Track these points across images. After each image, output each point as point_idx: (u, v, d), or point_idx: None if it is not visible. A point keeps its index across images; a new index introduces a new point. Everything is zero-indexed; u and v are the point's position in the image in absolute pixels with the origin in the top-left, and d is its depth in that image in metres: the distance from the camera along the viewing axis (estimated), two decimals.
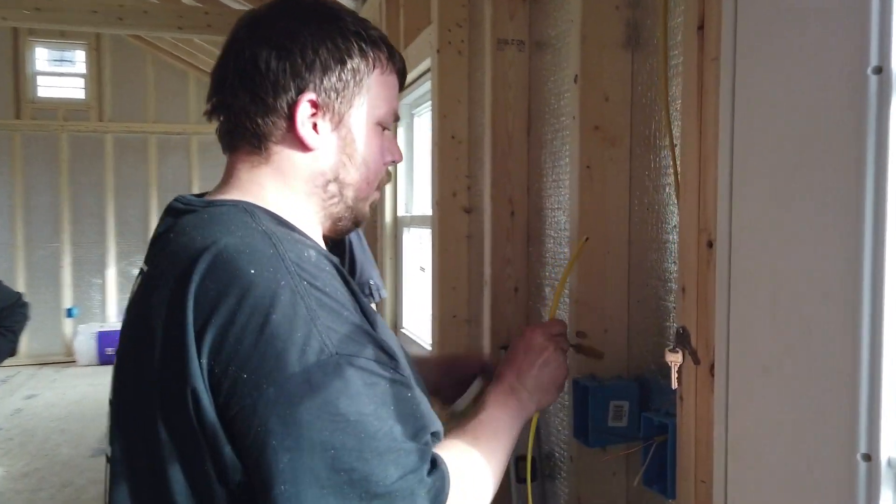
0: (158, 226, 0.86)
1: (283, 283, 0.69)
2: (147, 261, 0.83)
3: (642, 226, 1.13)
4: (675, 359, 0.88)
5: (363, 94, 0.85)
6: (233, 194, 0.83)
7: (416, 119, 2.76)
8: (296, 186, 0.84)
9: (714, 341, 0.81)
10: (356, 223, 0.91)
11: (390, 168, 0.94)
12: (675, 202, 1.04)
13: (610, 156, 1.14)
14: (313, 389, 0.67)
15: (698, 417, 0.85)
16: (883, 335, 0.57)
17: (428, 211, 2.03)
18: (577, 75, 1.13)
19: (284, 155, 0.83)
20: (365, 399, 0.68)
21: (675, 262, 1.05)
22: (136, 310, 0.80)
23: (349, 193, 0.87)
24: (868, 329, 0.58)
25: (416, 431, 0.71)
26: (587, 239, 1.06)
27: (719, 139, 0.77)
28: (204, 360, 0.68)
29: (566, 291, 1.27)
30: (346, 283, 0.76)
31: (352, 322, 0.72)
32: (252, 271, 0.70)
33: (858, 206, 0.59)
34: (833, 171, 0.62)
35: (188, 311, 0.69)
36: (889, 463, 0.58)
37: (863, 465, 0.59)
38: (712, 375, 0.81)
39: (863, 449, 0.59)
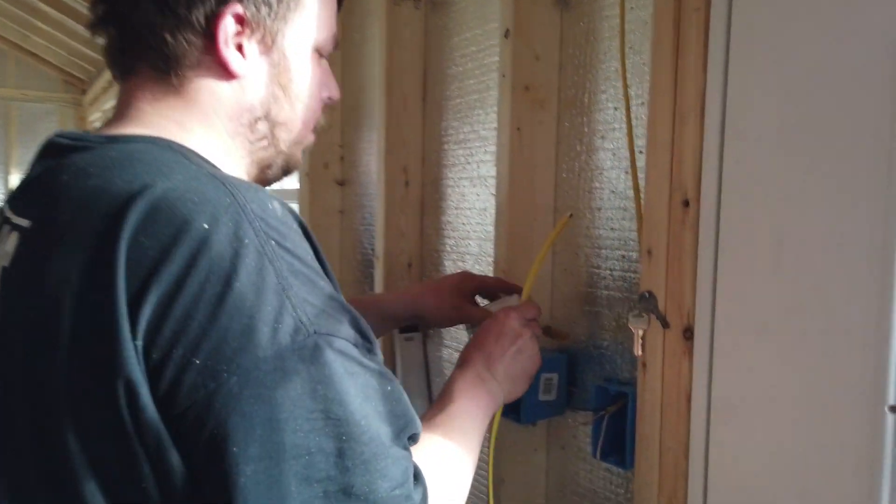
0: (31, 168, 0.65)
1: (246, 240, 0.54)
2: (21, 212, 0.63)
3: (571, 192, 1.09)
4: (639, 325, 0.85)
5: (300, 10, 0.69)
6: (137, 131, 0.65)
7: None
8: (215, 125, 0.68)
9: (690, 304, 0.78)
10: (286, 172, 0.76)
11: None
12: (614, 166, 1.02)
13: (539, 119, 1.09)
14: (287, 378, 0.52)
15: (666, 383, 0.82)
16: None
17: (296, 184, 1.86)
18: (508, 30, 1.06)
19: (201, 84, 0.66)
20: (349, 391, 0.55)
21: (611, 230, 1.03)
22: (19, 279, 0.59)
23: (282, 135, 0.72)
24: None
25: (399, 433, 0.58)
26: (571, 215, 0.98)
27: (706, 93, 0.75)
28: (140, 342, 0.51)
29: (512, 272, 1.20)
30: (314, 245, 0.61)
31: (326, 293, 0.58)
32: (205, 225, 0.53)
33: (883, 152, 0.58)
34: (854, 117, 0.61)
35: (117, 278, 0.51)
36: None
37: (890, 417, 0.59)
38: (686, 339, 0.79)
39: (891, 401, 0.59)
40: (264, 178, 0.75)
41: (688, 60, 0.77)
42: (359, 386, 0.56)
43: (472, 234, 1.34)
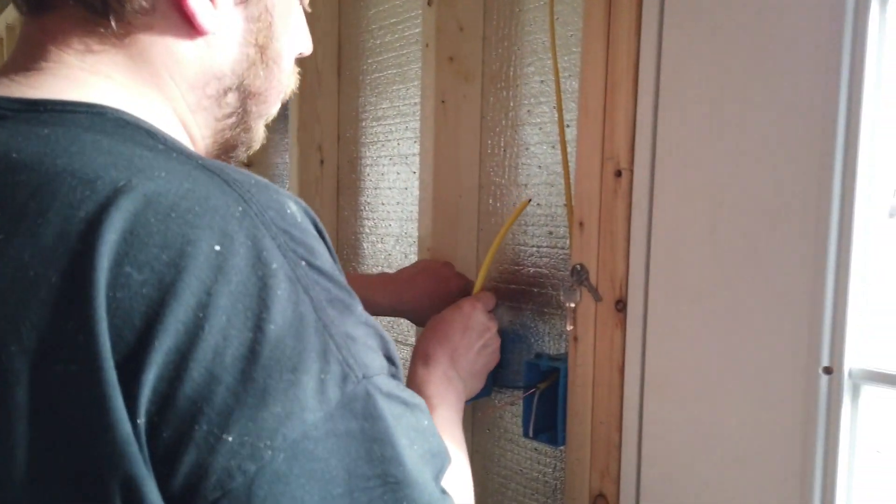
0: None
1: (273, 265, 0.40)
2: None
3: (497, 169, 1.07)
4: (570, 299, 0.83)
5: None
6: (67, 94, 0.46)
7: None
8: (172, 94, 0.51)
9: (622, 275, 0.77)
10: (247, 152, 0.62)
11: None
12: (541, 141, 1.00)
13: (464, 92, 1.06)
14: (340, 444, 0.40)
15: (598, 357, 0.81)
16: (852, 245, 0.58)
17: None
18: None
19: (154, 39, 0.49)
20: (401, 443, 0.43)
21: (538, 206, 1.01)
22: None
23: (253, 108, 0.57)
24: (835, 241, 0.58)
25: (438, 474, 0.47)
26: (530, 200, 0.95)
27: (639, 60, 0.73)
28: (142, 420, 0.37)
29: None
30: (328, 247, 0.47)
31: (363, 320, 0.46)
32: (217, 247, 0.39)
33: (829, 113, 0.58)
34: (789, 82, 0.61)
35: (97, 334, 0.36)
36: (850, 374, 0.59)
37: (824, 379, 0.59)
38: (619, 311, 0.78)
39: (825, 362, 0.59)
40: (226, 161, 0.57)
41: (620, 27, 0.76)
42: (405, 431, 0.44)
43: (392, 215, 1.29)
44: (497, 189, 1.06)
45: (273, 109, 0.60)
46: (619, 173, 0.77)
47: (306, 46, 0.61)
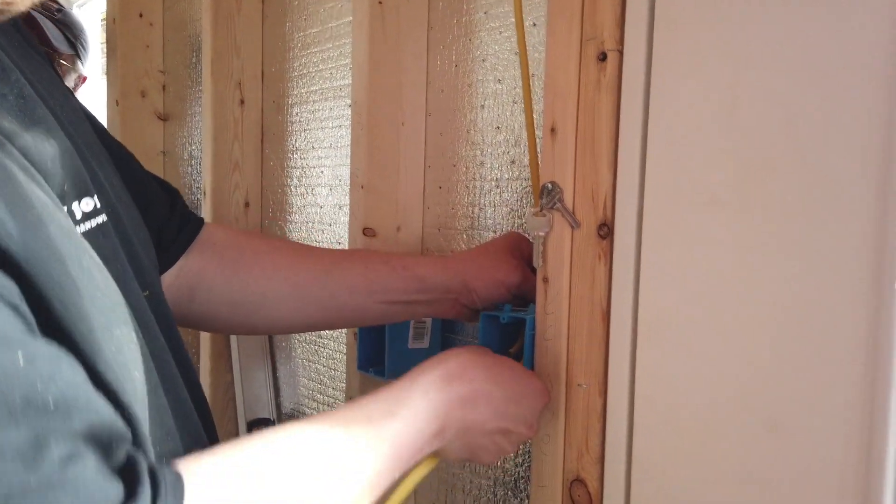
0: None
1: None
2: None
3: (447, 88, 0.88)
4: (539, 227, 0.64)
5: None
6: None
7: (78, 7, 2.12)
8: None
9: (607, 191, 0.59)
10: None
11: None
12: (501, 50, 0.81)
13: None
14: None
15: (574, 300, 0.63)
16: None
17: (101, 114, 1.51)
18: None
19: None
20: None
21: (497, 129, 0.82)
22: None
23: None
24: None
25: (46, 435, 0.31)
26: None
27: None
28: None
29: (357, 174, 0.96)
30: None
31: None
32: None
33: None
34: None
35: None
36: None
37: None
38: (602, 238, 0.60)
39: None
40: None
41: None
42: None
43: (325, 162, 1.09)
44: (448, 114, 0.87)
45: None
46: (602, 56, 0.59)
47: None
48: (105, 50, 1.52)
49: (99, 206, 0.46)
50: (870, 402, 0.44)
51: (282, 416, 1.21)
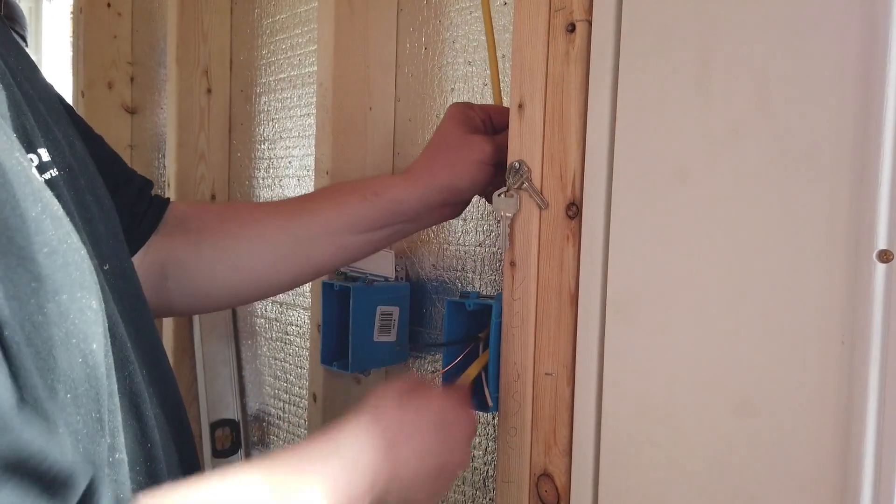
0: None
1: None
2: None
3: (416, 67, 0.85)
4: (506, 208, 0.61)
5: None
6: None
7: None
8: None
9: (576, 168, 0.57)
10: None
11: None
12: (471, 32, 0.79)
13: None
14: None
15: (542, 283, 0.60)
16: None
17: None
18: None
19: None
20: None
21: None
22: None
23: None
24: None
25: None
26: None
27: None
28: None
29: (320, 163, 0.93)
30: None
31: None
32: None
33: None
34: None
35: None
36: None
37: (880, 268, 0.39)
38: (571, 218, 0.57)
39: (881, 244, 0.40)
40: None
41: None
42: None
43: (293, 152, 1.06)
44: (417, 98, 0.85)
45: None
46: (571, 27, 0.57)
47: None
48: (72, 40, 1.48)
49: (48, 160, 0.42)
50: (847, 384, 0.41)
51: (247, 417, 1.17)
